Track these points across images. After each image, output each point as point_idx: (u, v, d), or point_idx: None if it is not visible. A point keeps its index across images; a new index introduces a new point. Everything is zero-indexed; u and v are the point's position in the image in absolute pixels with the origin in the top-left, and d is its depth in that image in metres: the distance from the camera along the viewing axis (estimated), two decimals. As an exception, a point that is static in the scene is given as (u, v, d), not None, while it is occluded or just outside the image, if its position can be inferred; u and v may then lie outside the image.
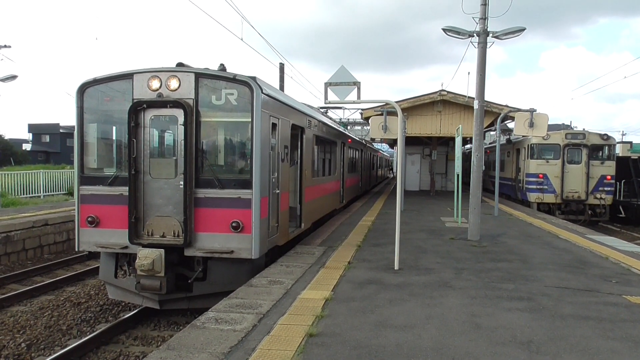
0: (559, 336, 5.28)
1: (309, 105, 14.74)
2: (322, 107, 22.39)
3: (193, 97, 7.70)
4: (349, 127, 37.01)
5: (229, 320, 5.57)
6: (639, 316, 6.01)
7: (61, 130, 74.73)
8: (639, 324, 5.71)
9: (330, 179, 15.21)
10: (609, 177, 21.30)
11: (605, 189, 21.29)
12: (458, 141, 14.19)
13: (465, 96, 21.79)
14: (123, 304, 9.32)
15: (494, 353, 4.80)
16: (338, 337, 5.14)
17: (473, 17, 11.51)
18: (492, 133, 31.74)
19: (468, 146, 33.37)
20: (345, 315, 5.85)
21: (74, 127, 8.28)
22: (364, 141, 27.98)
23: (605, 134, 21.80)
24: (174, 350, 4.73)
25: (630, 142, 37.98)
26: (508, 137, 27.25)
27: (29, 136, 78.42)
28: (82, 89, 8.11)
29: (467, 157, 26.13)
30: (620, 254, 10.15)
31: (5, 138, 67.80)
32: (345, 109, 37.58)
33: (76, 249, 8.29)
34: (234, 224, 7.61)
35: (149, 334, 7.96)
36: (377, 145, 42.28)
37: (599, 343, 5.12)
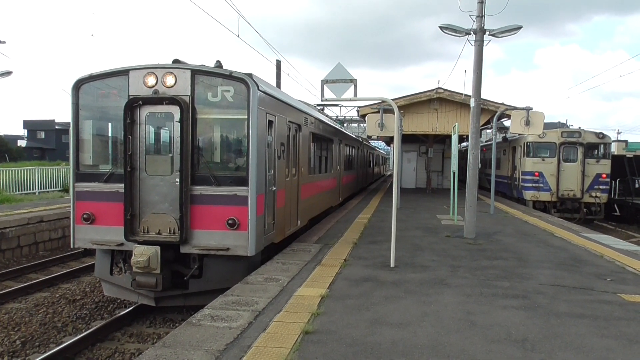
0: (553, 334, 5.31)
1: (305, 103, 14.73)
2: (318, 105, 22.38)
3: (189, 94, 7.67)
4: (345, 125, 37.02)
5: (224, 318, 5.57)
6: (633, 314, 6.04)
7: (56, 127, 74.36)
8: (633, 322, 5.74)
9: (327, 177, 15.21)
10: (604, 175, 21.38)
11: (601, 187, 21.37)
12: (454, 139, 14.21)
13: (462, 94, 21.80)
14: (119, 301, 9.30)
15: (488, 351, 4.82)
16: (334, 335, 5.15)
17: (470, 15, 11.52)
18: (488, 131, 31.81)
19: (464, 144, 33.42)
20: (341, 313, 5.85)
21: (69, 123, 8.25)
22: (360, 139, 27.99)
23: (601, 133, 21.88)
24: (169, 348, 4.72)
25: (626, 141, 38.15)
26: (504, 135, 27.31)
27: (24, 132, 77.97)
28: (78, 85, 8.07)
29: (463, 155, 26.21)
30: (615, 252, 10.19)
31: (0, 134, 67.45)
32: (342, 106, 37.56)
33: (71, 246, 8.26)
34: (230, 221, 7.60)
35: (145, 331, 7.95)
36: (373, 143, 42.29)
37: (594, 341, 5.14)
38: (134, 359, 6.85)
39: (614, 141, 28.52)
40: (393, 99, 11.12)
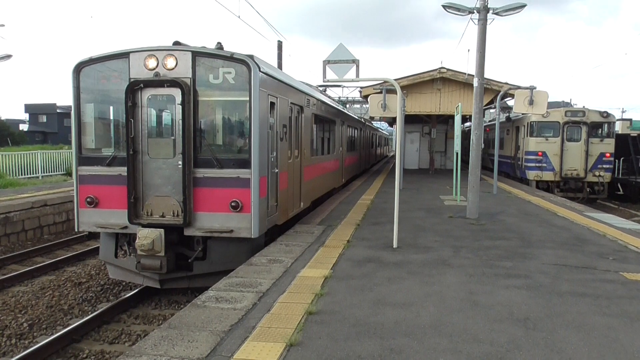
0: (555, 313, 5.34)
1: (307, 84, 14.63)
2: (320, 86, 22.22)
3: (190, 76, 7.62)
4: (348, 106, 36.81)
5: (229, 299, 5.62)
6: (635, 293, 6.07)
7: (58, 110, 74.23)
8: (635, 301, 5.76)
9: (329, 158, 15.19)
10: (608, 154, 21.28)
11: (604, 166, 21.29)
12: (457, 119, 14.12)
13: (465, 73, 21.62)
14: (124, 283, 9.39)
15: (491, 330, 4.86)
16: (337, 315, 5.19)
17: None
18: (491, 111, 31.60)
19: (467, 124, 33.24)
20: (344, 293, 5.89)
21: (71, 107, 8.22)
22: (363, 119, 27.87)
23: (605, 112, 21.69)
24: (175, 329, 4.78)
25: (630, 120, 37.80)
26: (507, 114, 27.14)
27: (25, 116, 77.92)
28: (78, 69, 8.02)
29: (466, 135, 26.05)
30: (618, 231, 10.20)
31: (2, 119, 67.35)
32: (344, 87, 37.31)
33: (76, 230, 8.31)
34: (233, 204, 7.62)
35: (150, 312, 8.04)
36: (376, 124, 42.12)
37: (595, 319, 5.17)
38: (140, 340, 6.94)
39: (618, 120, 28.33)
40: (396, 79, 11.06)
